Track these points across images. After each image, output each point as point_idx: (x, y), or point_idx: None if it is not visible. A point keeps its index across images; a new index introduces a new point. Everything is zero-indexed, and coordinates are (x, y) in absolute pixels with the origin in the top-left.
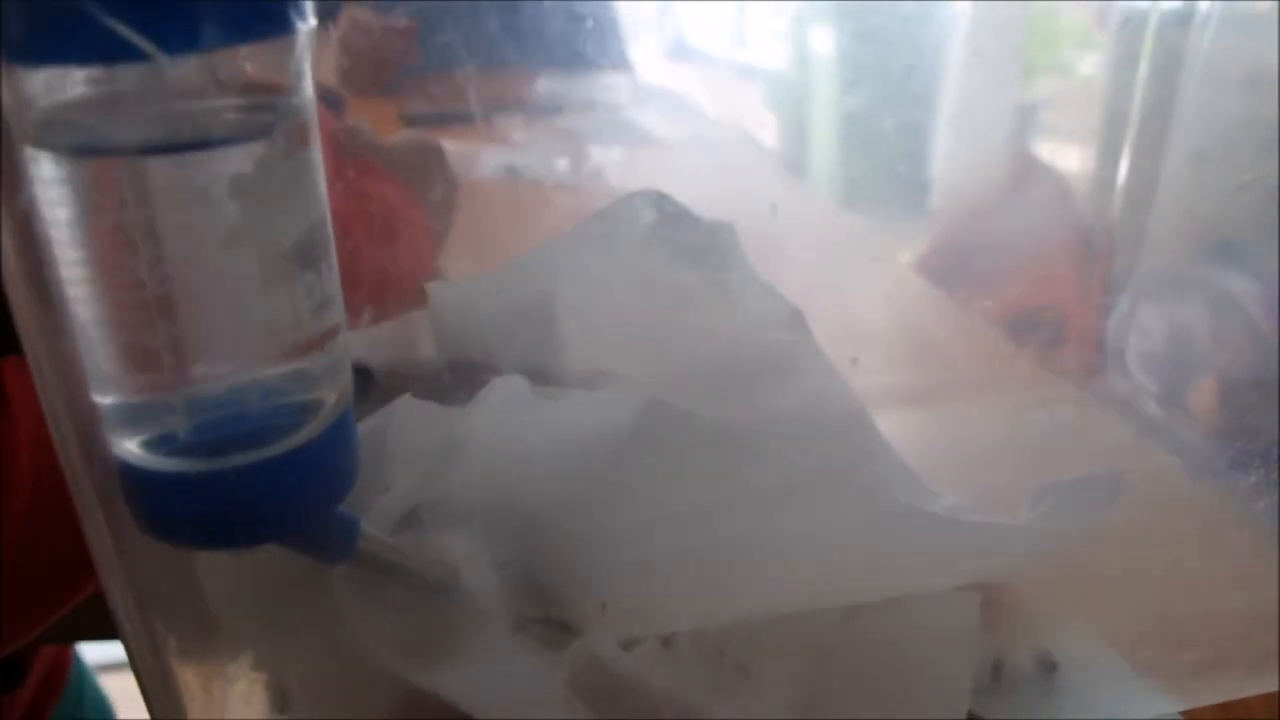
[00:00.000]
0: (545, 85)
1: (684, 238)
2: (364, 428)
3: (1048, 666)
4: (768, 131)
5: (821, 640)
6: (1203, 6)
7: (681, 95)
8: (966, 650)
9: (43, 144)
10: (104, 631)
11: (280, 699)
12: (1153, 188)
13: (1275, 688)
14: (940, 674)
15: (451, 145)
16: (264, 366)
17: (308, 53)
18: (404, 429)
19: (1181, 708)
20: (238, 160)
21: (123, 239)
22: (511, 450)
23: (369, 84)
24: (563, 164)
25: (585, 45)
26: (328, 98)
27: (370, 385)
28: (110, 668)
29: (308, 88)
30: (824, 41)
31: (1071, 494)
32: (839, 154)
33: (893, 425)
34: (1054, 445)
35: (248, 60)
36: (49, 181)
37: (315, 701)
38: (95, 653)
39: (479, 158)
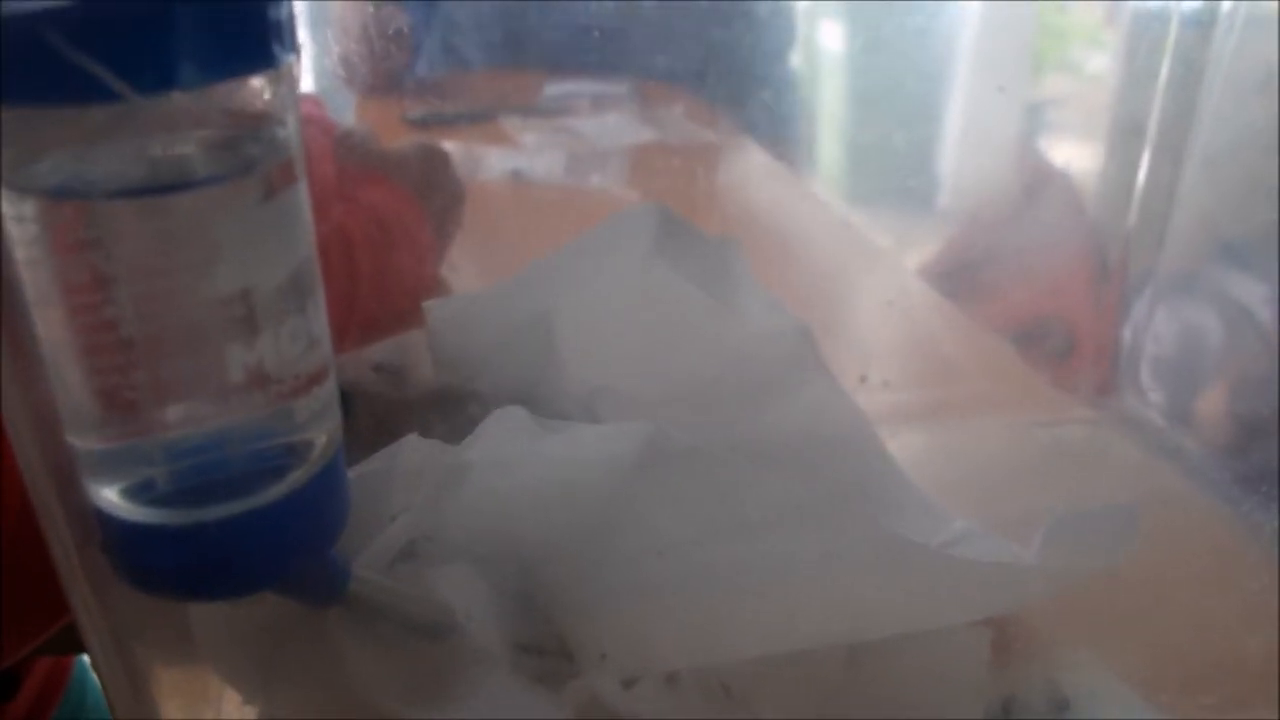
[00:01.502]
0: (551, 87)
1: (687, 253)
2: (369, 467)
3: (1060, 704)
4: (777, 135)
5: (829, 678)
6: (1225, 8)
7: (687, 98)
8: (978, 688)
9: (15, 185)
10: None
11: None
12: (1171, 193)
13: None
14: (951, 712)
15: (455, 147)
16: (247, 411)
17: (294, 85)
18: (409, 467)
19: None
20: (219, 200)
21: (97, 281)
22: (511, 483)
23: (367, 85)
24: (568, 167)
25: (590, 55)
26: None
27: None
28: None
29: (293, 121)
30: (833, 39)
31: (1087, 528)
32: (847, 154)
33: (902, 444)
34: (1066, 467)
35: (229, 96)
36: (21, 221)
37: None
38: None
39: (484, 161)
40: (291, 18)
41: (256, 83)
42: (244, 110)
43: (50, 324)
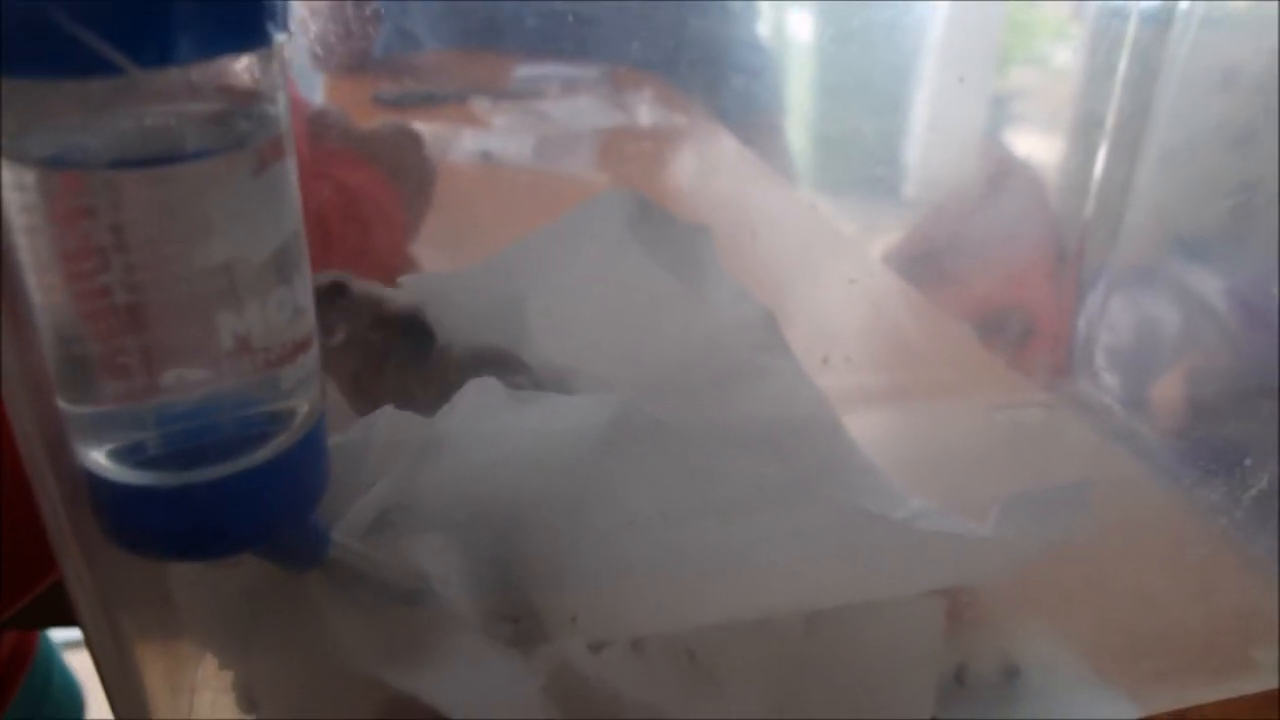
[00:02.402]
0: (523, 70)
1: (660, 239)
2: (346, 438)
3: (1010, 672)
4: (746, 123)
5: (789, 645)
6: (1183, 6)
7: (659, 84)
8: (931, 656)
9: (13, 154)
10: (68, 619)
11: (248, 701)
12: (1127, 185)
13: (1232, 695)
14: (905, 679)
15: (426, 128)
16: (235, 378)
17: (284, 64)
18: (385, 438)
19: (1140, 714)
20: (212, 173)
21: (93, 249)
22: (484, 453)
23: (337, 65)
24: (538, 150)
25: (563, 39)
26: None
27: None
28: (77, 645)
29: (284, 99)
30: (803, 29)
31: (1040, 505)
32: (815, 143)
33: (863, 425)
34: (1022, 448)
35: (223, 72)
36: (18, 189)
37: (285, 704)
38: (62, 633)
39: (454, 141)
40: None
41: (250, 60)
42: (237, 86)
43: (46, 290)
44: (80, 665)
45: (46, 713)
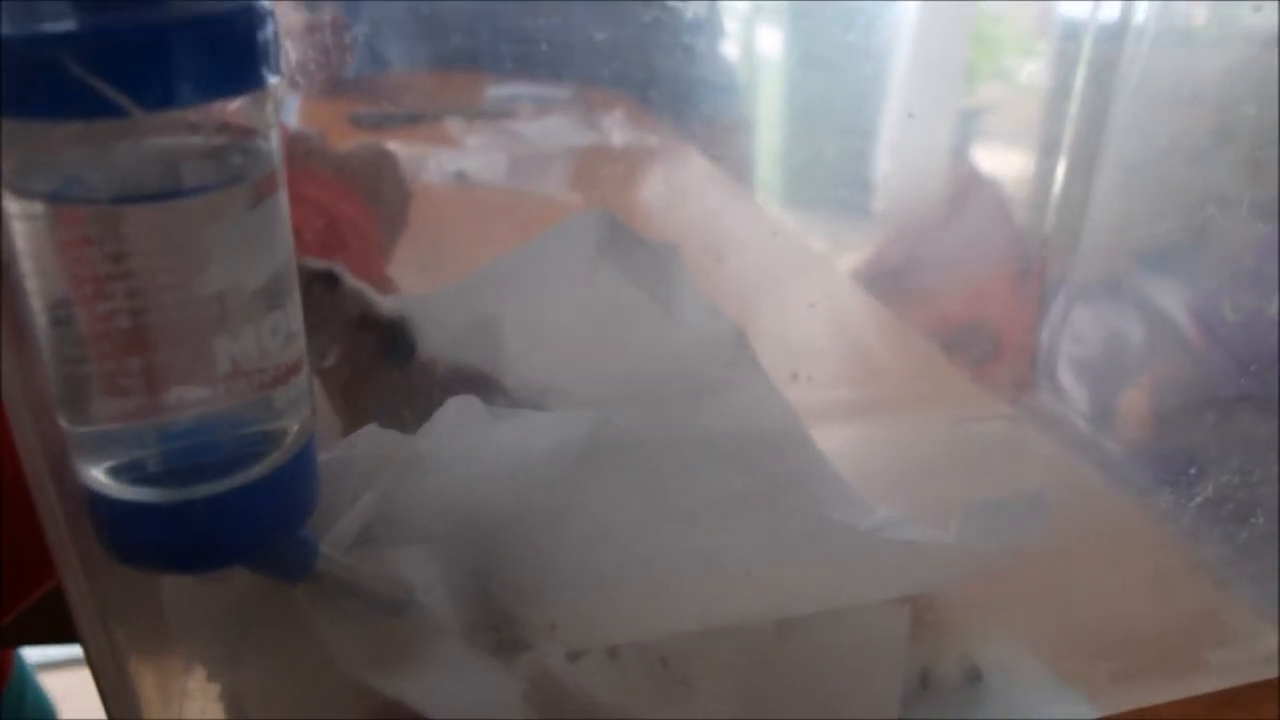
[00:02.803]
0: (495, 90)
1: (630, 259)
2: (332, 455)
3: (973, 675)
4: (714, 141)
5: (759, 651)
6: (1138, 20)
7: (631, 104)
8: (897, 660)
9: (17, 188)
10: (50, 636)
11: (236, 711)
12: (1086, 198)
13: (1187, 695)
14: (872, 682)
15: (400, 148)
16: (231, 399)
17: (277, 103)
18: (369, 455)
19: (1099, 714)
20: (210, 207)
21: (94, 277)
22: (465, 469)
23: (311, 87)
24: (511, 169)
25: (535, 60)
26: None
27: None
28: (50, 666)
29: (276, 135)
30: (772, 48)
31: (1000, 513)
32: (784, 161)
33: (831, 439)
34: (985, 460)
35: (221, 111)
36: (24, 220)
37: (273, 712)
38: (35, 653)
39: (428, 162)
40: (277, 41)
41: (246, 100)
42: (234, 124)
43: (49, 315)
44: (54, 686)
45: None
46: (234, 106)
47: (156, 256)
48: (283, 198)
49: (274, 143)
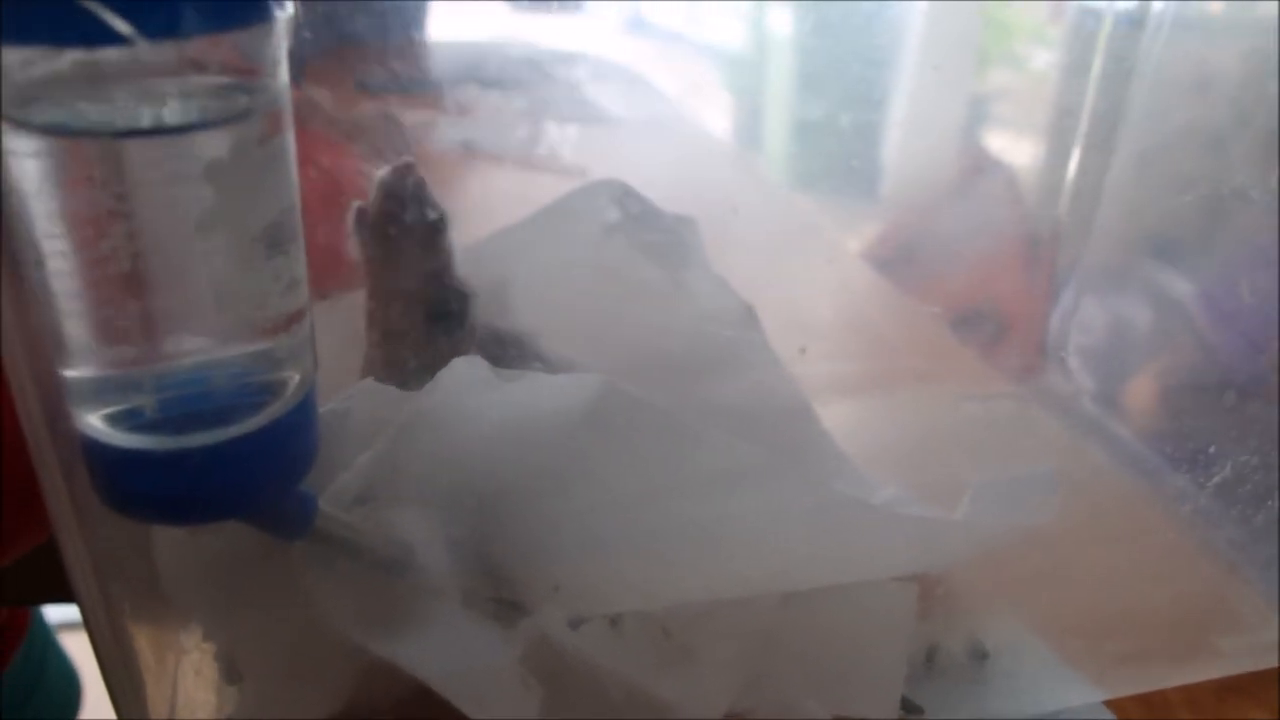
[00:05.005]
0: (500, 58)
1: (646, 233)
2: (328, 409)
3: (979, 655)
4: (723, 113)
5: (763, 624)
6: (1156, 8)
7: (639, 74)
8: (902, 638)
9: (17, 120)
10: (55, 594)
11: (230, 671)
12: (1099, 186)
13: (1195, 680)
14: (876, 659)
15: (407, 116)
16: (231, 346)
17: (285, 40)
18: (368, 412)
19: (1105, 696)
20: (213, 144)
21: (94, 216)
22: (467, 430)
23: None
24: (520, 139)
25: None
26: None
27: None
28: (71, 627)
29: (283, 74)
30: (781, 24)
31: (1008, 492)
32: (793, 138)
33: (837, 415)
34: (992, 438)
35: (226, 46)
36: (21, 155)
37: (268, 670)
38: (57, 613)
39: (434, 130)
40: None
41: (252, 35)
42: (240, 59)
43: (47, 255)
44: (76, 648)
45: (37, 700)
46: (240, 41)
47: (157, 195)
48: (289, 140)
49: (281, 80)
